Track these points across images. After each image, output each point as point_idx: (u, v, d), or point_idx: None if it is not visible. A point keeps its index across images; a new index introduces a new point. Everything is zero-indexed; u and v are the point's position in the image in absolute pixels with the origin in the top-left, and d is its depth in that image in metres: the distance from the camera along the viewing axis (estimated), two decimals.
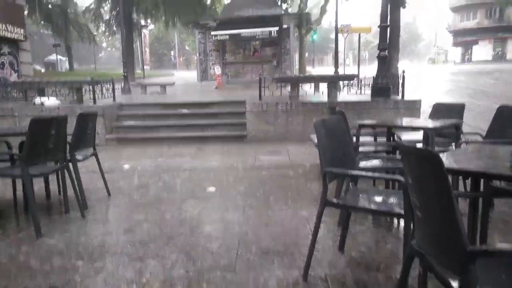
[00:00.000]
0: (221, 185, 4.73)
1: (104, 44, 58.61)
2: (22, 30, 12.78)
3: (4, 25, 11.88)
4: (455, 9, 51.11)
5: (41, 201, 4.09)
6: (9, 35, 12.19)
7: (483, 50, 46.03)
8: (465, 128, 4.58)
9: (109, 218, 3.66)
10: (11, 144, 4.21)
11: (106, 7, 25.23)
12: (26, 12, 18.53)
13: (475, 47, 47.92)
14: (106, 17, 25.93)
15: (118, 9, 18.70)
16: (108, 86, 9.13)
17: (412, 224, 1.98)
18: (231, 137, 7.94)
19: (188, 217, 3.58)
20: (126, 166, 5.94)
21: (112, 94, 9.08)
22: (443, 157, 2.23)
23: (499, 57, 44.13)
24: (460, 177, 3.34)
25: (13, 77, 12.30)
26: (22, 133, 3.42)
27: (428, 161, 1.47)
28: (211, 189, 4.56)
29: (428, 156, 1.49)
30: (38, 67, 29.51)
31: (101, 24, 26.84)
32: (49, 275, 2.50)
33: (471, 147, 3.05)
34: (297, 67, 22.12)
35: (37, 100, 8.41)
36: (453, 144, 4.01)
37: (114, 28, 25.50)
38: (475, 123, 6.64)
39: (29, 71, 13.53)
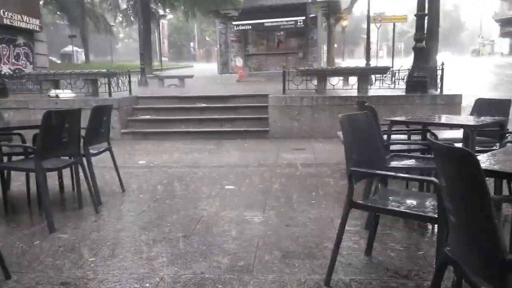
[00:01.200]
0: (240, 183, 4.77)
1: (121, 35, 59.90)
2: (37, 21, 13.23)
3: (19, 16, 12.33)
4: None
5: (54, 196, 4.25)
6: (24, 25, 12.64)
7: None
8: (511, 127, 4.43)
9: (123, 215, 3.76)
10: (25, 138, 4.38)
11: None
12: (41, 2, 19.15)
13: None
14: (123, 6, 26.49)
15: None
16: (124, 78, 9.35)
17: (446, 230, 1.94)
18: (252, 132, 7.98)
19: (204, 216, 3.63)
20: (142, 162, 6.08)
21: (128, 87, 9.29)
22: (484, 157, 2.17)
23: None
24: (505, 181, 3.25)
25: (28, 69, 12.77)
26: (36, 126, 3.55)
27: (463, 161, 1.41)
28: (230, 187, 4.61)
29: (462, 156, 1.43)
30: (53, 59, 30.46)
31: (118, 14, 27.46)
32: (61, 271, 2.59)
33: None
34: (325, 59, 21.95)
35: (52, 92, 8.71)
36: (497, 144, 3.89)
37: (132, 19, 26.05)
38: None
39: (44, 63, 14.00)
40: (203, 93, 9.65)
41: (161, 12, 29.28)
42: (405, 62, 9.61)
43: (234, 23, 17.48)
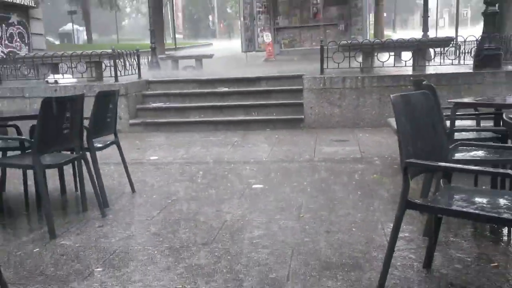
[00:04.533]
0: (270, 182, 4.79)
1: (128, 10, 60.94)
2: None
3: None
4: None
5: (55, 197, 4.40)
6: (18, 0, 13.04)
7: None
8: None
9: (133, 219, 3.84)
10: (21, 130, 4.54)
11: None
12: None
13: None
14: None
15: None
16: (132, 60, 9.52)
17: None
18: (284, 121, 7.99)
19: (228, 220, 3.67)
20: (154, 157, 6.19)
21: (137, 70, 9.45)
22: None
23: None
24: None
25: (24, 51, 13.19)
26: (33, 116, 3.67)
27: None
28: (258, 186, 4.63)
29: None
30: (51, 39, 31.40)
31: None
32: (64, 283, 2.68)
33: None
34: (372, 31, 21.59)
35: (50, 77, 8.98)
36: None
37: None
38: None
39: (41, 44, 14.43)
40: (225, 75, 9.70)
41: None
42: (472, 32, 9.32)
43: None
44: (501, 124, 3.87)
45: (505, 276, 2.58)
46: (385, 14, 26.98)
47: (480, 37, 7.90)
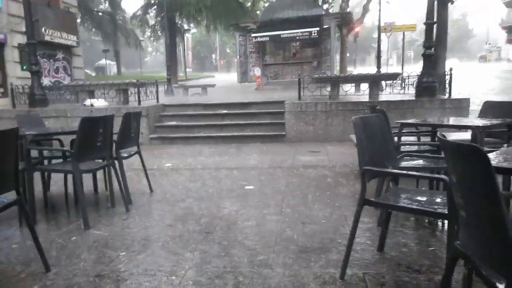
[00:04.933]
0: (259, 183, 4.77)
1: (150, 49, 60.98)
2: (75, 37, 13.61)
3: (59, 33, 12.71)
4: (510, 4, 47.92)
5: (89, 196, 4.34)
6: (63, 41, 13.03)
7: None
8: None
9: (151, 213, 3.80)
10: (63, 143, 4.50)
11: (152, 13, 26.22)
12: (79, 20, 19.69)
13: None
14: (152, 22, 26.95)
15: (162, 14, 19.36)
16: (152, 88, 9.50)
17: (456, 225, 1.89)
18: (270, 136, 7.98)
19: (226, 214, 3.64)
20: (168, 164, 6.14)
21: (156, 96, 9.43)
22: (493, 155, 2.10)
23: None
24: None
25: (67, 81, 13.12)
26: (73, 132, 3.64)
27: (473, 157, 1.38)
28: (249, 187, 4.61)
29: (472, 151, 1.40)
30: (88, 71, 31.25)
31: (146, 29, 27.94)
32: (95, 264, 2.64)
33: None
34: (338, 67, 21.77)
35: (87, 101, 8.92)
36: (505, 145, 3.77)
37: (159, 33, 26.43)
38: None
39: (81, 75, 14.38)
40: (224, 100, 9.70)
41: (185, 26, 29.66)
42: (414, 69, 9.43)
43: (252, 35, 17.57)
44: (436, 139, 3.90)
45: (440, 257, 2.57)
46: (348, 54, 27.22)
47: (420, 73, 7.99)
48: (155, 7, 24.71)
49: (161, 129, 8.64)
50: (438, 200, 2.40)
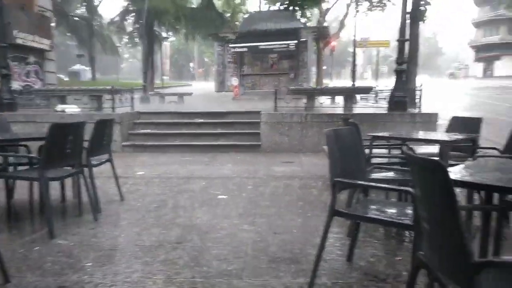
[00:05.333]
0: (232, 193, 4.74)
1: (126, 55, 60.11)
2: (48, 41, 13.29)
3: (32, 36, 12.38)
4: (478, 24, 50.47)
5: (56, 204, 4.18)
6: (36, 45, 12.69)
7: (505, 66, 45.12)
8: (486, 143, 4.48)
9: (120, 222, 3.71)
10: (31, 149, 4.34)
11: (130, 20, 25.97)
12: (53, 24, 19.25)
13: (497, 63, 47.10)
14: (129, 29, 26.68)
15: (141, 21, 19.20)
16: (127, 95, 9.34)
17: (420, 236, 1.94)
18: (245, 146, 7.98)
19: (197, 224, 3.60)
20: (140, 172, 6.03)
21: (131, 103, 9.28)
22: (457, 169, 2.19)
23: None
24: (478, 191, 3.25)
25: (38, 85, 12.74)
26: (41, 138, 3.52)
27: (433, 171, 1.44)
28: (223, 196, 4.58)
29: (433, 166, 1.45)
30: (62, 76, 30.44)
31: (124, 36, 27.61)
32: (58, 275, 2.54)
33: (486, 161, 2.98)
34: (314, 80, 22.15)
35: (59, 107, 8.68)
36: (470, 158, 3.92)
37: (136, 40, 26.18)
38: (497, 138, 6.47)
39: (53, 80, 14.01)
40: (200, 109, 9.66)
41: (164, 34, 29.49)
42: (388, 83, 9.72)
43: (231, 45, 17.70)
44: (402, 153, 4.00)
45: (406, 266, 2.62)
46: (324, 67, 27.76)
47: (392, 88, 8.22)
48: (134, 14, 24.50)
49: (135, 137, 8.49)
50: (406, 211, 2.46)
